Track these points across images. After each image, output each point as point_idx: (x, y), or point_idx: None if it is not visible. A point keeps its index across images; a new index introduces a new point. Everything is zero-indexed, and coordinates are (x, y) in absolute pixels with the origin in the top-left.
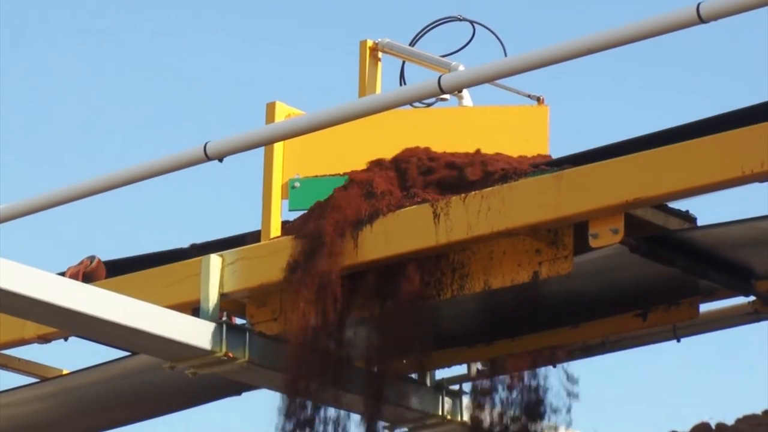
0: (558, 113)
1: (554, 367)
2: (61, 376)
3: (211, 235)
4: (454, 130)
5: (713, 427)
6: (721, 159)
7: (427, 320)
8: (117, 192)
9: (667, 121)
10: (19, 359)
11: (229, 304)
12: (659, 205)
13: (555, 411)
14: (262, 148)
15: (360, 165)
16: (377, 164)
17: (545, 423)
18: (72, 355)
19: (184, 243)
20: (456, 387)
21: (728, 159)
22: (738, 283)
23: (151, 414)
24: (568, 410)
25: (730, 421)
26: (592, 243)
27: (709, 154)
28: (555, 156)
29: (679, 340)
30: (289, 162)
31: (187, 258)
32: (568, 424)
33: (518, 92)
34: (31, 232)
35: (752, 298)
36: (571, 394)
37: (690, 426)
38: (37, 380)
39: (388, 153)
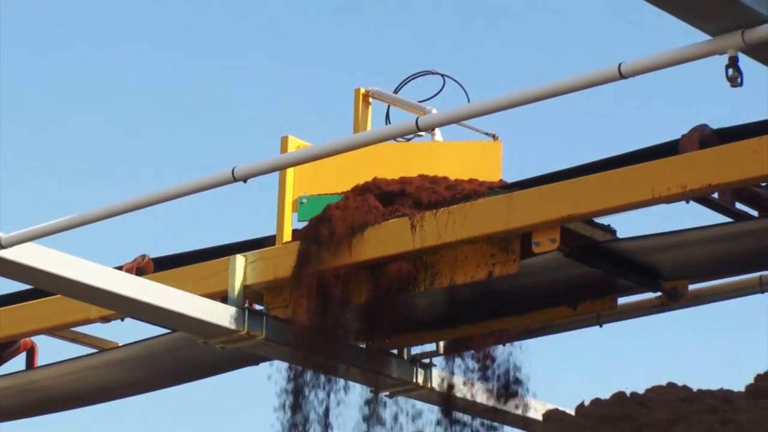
0: (509, 147)
1: (504, 345)
2: (117, 347)
3: (237, 238)
4: (428, 159)
5: (628, 395)
6: (637, 185)
7: (405, 308)
8: (165, 204)
9: (594, 155)
10: (85, 335)
11: (251, 293)
12: (588, 220)
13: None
14: (278, 172)
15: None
16: (365, 187)
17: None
18: (126, 332)
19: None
20: (427, 360)
21: (642, 185)
22: (649, 282)
23: (187, 379)
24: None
25: (641, 390)
26: (535, 249)
27: (627, 180)
28: (507, 180)
29: (601, 326)
30: (298, 183)
31: (218, 257)
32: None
33: (478, 130)
34: (95, 236)
35: (659, 293)
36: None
37: (610, 394)
38: (98, 350)
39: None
